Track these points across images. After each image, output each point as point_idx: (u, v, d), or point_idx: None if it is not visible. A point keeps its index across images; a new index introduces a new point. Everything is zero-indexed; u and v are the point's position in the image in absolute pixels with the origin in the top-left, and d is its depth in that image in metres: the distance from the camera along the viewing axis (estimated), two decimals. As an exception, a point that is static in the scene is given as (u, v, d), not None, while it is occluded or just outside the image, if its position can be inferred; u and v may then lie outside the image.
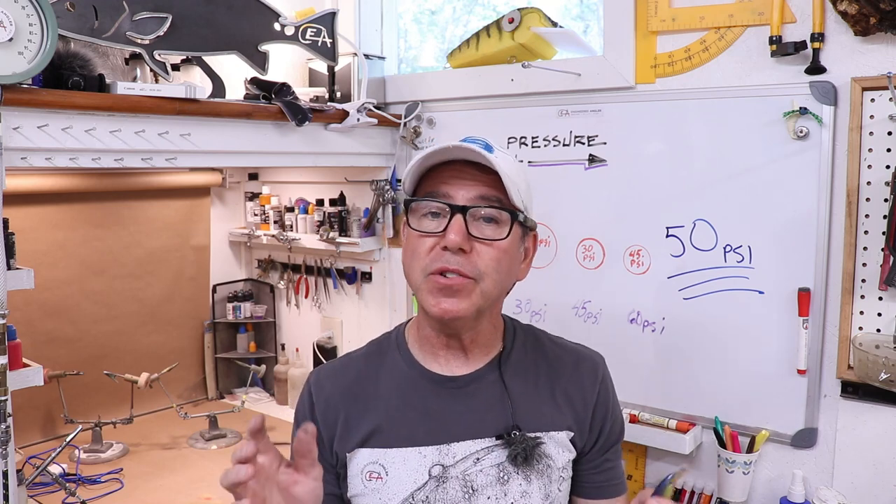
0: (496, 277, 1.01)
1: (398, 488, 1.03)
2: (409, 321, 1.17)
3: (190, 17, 1.64)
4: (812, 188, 1.50)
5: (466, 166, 1.00)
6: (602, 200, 1.77)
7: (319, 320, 2.47)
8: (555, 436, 1.08)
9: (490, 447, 1.04)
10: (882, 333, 1.45)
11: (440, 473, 1.03)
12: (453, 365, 1.09)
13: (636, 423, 1.71)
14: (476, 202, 0.99)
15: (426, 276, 0.99)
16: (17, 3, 1.28)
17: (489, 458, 1.04)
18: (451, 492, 1.02)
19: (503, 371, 1.09)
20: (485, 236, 0.99)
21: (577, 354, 1.16)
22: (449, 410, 1.06)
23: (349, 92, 2.13)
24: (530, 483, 1.04)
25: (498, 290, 1.04)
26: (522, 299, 1.92)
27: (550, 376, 1.11)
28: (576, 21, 2.10)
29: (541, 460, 1.05)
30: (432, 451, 1.04)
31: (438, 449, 1.04)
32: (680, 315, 1.68)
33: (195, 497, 1.81)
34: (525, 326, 1.18)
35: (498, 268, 1.01)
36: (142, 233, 2.36)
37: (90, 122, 1.45)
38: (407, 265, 1.04)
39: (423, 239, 1.00)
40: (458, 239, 0.96)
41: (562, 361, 1.13)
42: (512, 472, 1.03)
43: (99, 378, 2.12)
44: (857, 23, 1.40)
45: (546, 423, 1.08)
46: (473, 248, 0.98)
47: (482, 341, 1.09)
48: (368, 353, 1.16)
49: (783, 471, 1.60)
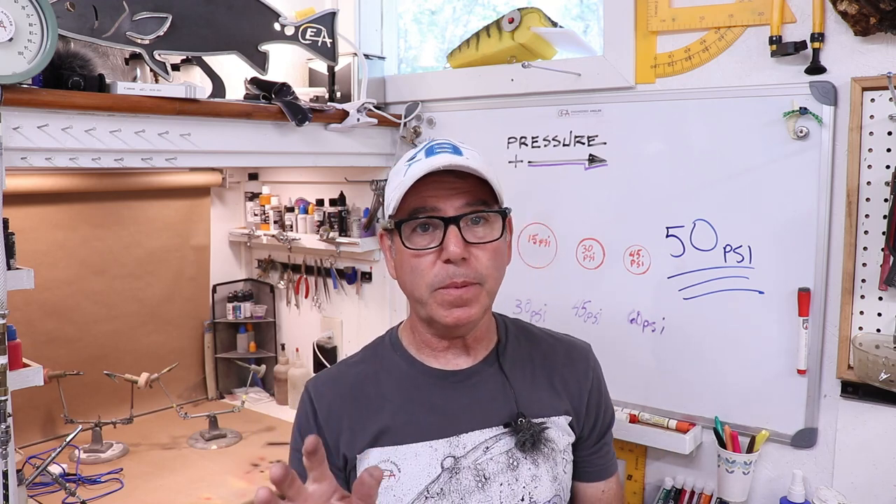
0: (496, 275, 1.06)
1: (412, 483, 1.05)
2: (399, 325, 1.20)
3: (190, 17, 1.64)
4: (812, 188, 1.50)
5: (446, 175, 1.02)
6: (602, 200, 1.77)
7: (319, 320, 2.47)
8: (556, 420, 1.12)
9: (498, 435, 1.08)
10: (882, 333, 1.45)
11: (452, 465, 1.05)
12: (453, 360, 1.12)
13: (636, 423, 1.71)
14: (465, 210, 1.02)
15: (433, 291, 1.02)
16: (17, 3, 1.28)
17: (498, 446, 1.07)
18: (465, 482, 1.05)
19: (502, 362, 1.13)
20: (479, 239, 1.03)
21: (567, 344, 1.21)
22: (454, 403, 1.09)
23: (349, 92, 2.13)
24: (538, 467, 1.08)
25: (498, 285, 1.08)
26: (522, 299, 1.92)
27: (545, 365, 1.16)
28: (576, 21, 2.10)
29: (546, 445, 1.09)
30: (443, 443, 1.06)
31: (448, 441, 1.07)
32: (680, 315, 1.68)
33: (195, 497, 1.81)
34: (513, 320, 1.22)
35: (497, 265, 1.05)
36: (142, 233, 2.36)
37: (90, 122, 1.45)
38: (408, 282, 1.06)
39: (421, 256, 1.02)
40: (458, 250, 0.99)
41: (554, 350, 1.18)
42: (521, 458, 1.07)
43: (99, 378, 2.12)
44: (857, 23, 1.40)
45: (547, 408, 1.12)
46: (471, 254, 1.02)
47: (481, 336, 1.13)
48: (364, 358, 1.18)
49: (783, 471, 1.59)
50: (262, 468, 1.99)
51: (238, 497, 1.81)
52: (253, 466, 2.00)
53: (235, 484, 1.89)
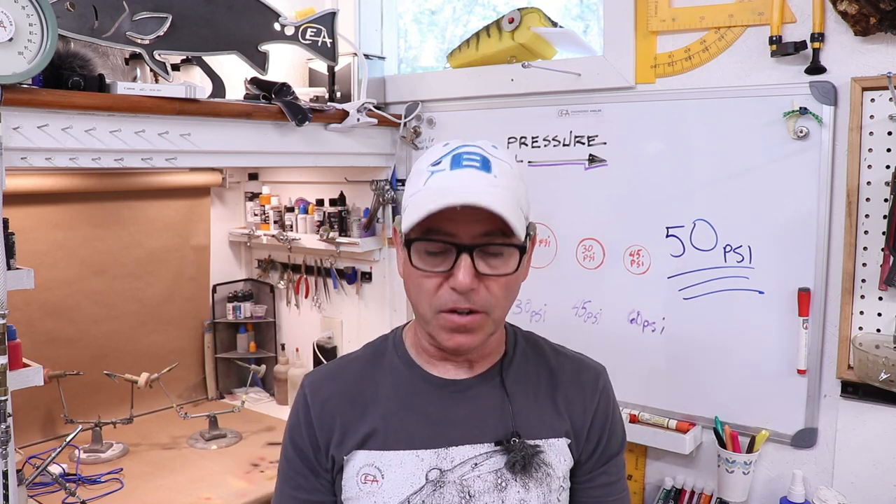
0: (505, 304, 0.99)
1: (394, 492, 1.01)
2: (406, 324, 1.15)
3: (190, 17, 1.64)
4: (812, 188, 1.50)
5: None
6: (602, 200, 1.77)
7: (319, 320, 2.47)
8: (555, 443, 1.06)
9: (489, 453, 1.02)
10: (882, 333, 1.45)
11: (437, 478, 1.01)
12: (454, 370, 1.07)
13: (636, 423, 1.71)
14: (481, 239, 0.93)
15: (437, 313, 0.97)
16: (17, 3, 1.28)
17: (487, 464, 1.02)
18: (448, 496, 1.00)
19: (504, 377, 1.07)
20: (492, 271, 0.95)
21: (578, 363, 1.14)
22: (448, 414, 1.05)
23: (349, 92, 2.13)
24: (528, 491, 1.02)
25: (506, 313, 1.02)
26: (522, 299, 1.92)
27: (551, 384, 1.09)
28: (576, 21, 2.10)
29: (540, 468, 1.03)
30: (430, 454, 1.02)
31: (437, 452, 1.02)
32: (680, 315, 1.68)
33: (195, 497, 1.81)
34: (526, 333, 1.16)
35: (507, 296, 0.99)
36: (142, 233, 2.36)
37: (90, 122, 1.45)
38: (413, 296, 1.01)
39: (429, 277, 0.96)
40: (467, 281, 0.92)
41: (563, 369, 1.11)
42: (510, 480, 1.01)
43: (99, 378, 2.12)
44: (857, 23, 1.40)
45: (546, 429, 1.06)
46: (481, 285, 0.95)
47: (488, 352, 1.08)
48: (365, 356, 1.14)
49: (783, 471, 1.60)
50: (262, 468, 1.99)
51: (238, 497, 1.81)
52: (253, 466, 2.00)
53: (235, 484, 1.89)
